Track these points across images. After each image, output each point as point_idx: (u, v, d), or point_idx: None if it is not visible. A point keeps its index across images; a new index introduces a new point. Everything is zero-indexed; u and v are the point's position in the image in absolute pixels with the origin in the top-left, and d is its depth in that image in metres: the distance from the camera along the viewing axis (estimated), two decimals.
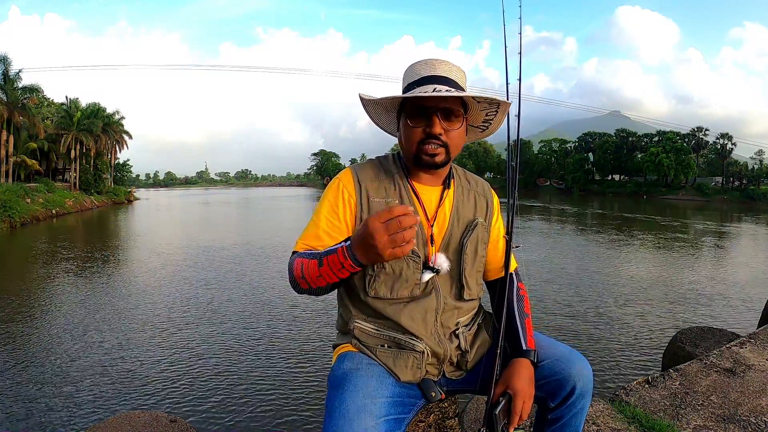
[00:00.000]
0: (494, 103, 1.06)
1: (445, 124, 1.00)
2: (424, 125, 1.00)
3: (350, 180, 1.07)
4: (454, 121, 1.01)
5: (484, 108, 1.08)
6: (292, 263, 0.99)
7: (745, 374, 2.23)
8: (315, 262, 0.92)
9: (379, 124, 1.16)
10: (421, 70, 1.03)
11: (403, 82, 1.08)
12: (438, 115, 0.99)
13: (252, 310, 6.38)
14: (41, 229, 17.88)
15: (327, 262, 0.89)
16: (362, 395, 0.91)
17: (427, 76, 1.02)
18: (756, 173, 50.02)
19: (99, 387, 4.05)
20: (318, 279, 0.92)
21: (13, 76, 24.70)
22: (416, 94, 0.97)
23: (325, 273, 0.90)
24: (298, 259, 0.97)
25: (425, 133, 1.00)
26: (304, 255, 0.97)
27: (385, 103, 1.07)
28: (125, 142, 39.42)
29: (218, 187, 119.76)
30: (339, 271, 0.88)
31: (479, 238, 1.10)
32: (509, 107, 1.10)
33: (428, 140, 1.00)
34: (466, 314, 1.11)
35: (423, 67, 1.04)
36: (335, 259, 0.87)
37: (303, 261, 0.95)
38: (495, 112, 1.09)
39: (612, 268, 9.84)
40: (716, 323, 5.48)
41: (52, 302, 6.96)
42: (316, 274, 0.91)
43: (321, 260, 0.90)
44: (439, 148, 1.00)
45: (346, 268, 0.87)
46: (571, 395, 1.00)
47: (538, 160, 66.49)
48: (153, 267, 9.70)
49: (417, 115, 1.00)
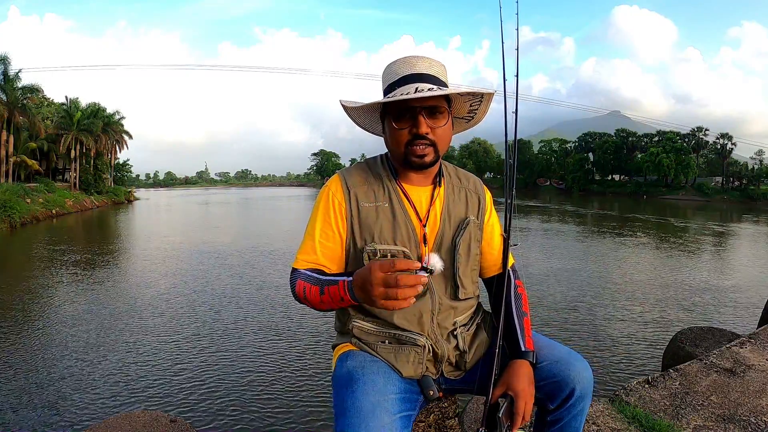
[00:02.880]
0: (477, 95, 1.05)
1: (430, 122, 0.99)
2: (410, 126, 0.99)
3: (339, 187, 1.06)
4: (440, 118, 1.00)
5: (468, 99, 1.07)
6: (294, 283, 1.01)
7: (745, 374, 2.23)
8: (317, 289, 0.93)
9: (363, 126, 1.15)
10: (400, 70, 1.01)
11: (383, 82, 1.05)
12: (423, 114, 0.97)
13: (253, 310, 6.38)
14: (41, 229, 17.86)
15: (328, 292, 0.91)
16: (374, 392, 0.91)
17: (408, 75, 1.00)
18: (756, 173, 49.99)
19: (99, 387, 4.05)
20: (320, 304, 0.95)
21: (12, 76, 24.68)
22: (399, 98, 0.94)
23: (326, 301, 0.92)
24: (300, 281, 0.99)
25: (412, 134, 0.99)
26: (306, 278, 0.98)
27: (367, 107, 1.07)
28: (125, 142, 39.42)
29: (218, 187, 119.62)
30: (339, 303, 0.90)
31: (472, 237, 1.09)
32: (493, 95, 1.08)
33: (415, 141, 0.99)
34: (464, 314, 1.10)
35: (402, 66, 1.02)
36: (336, 291, 0.89)
37: (305, 285, 0.96)
38: (479, 102, 1.08)
39: (612, 267, 9.83)
40: (716, 323, 5.47)
41: (52, 302, 6.95)
42: (318, 300, 0.94)
43: (322, 289, 0.92)
44: (427, 147, 1.00)
45: (346, 302, 0.89)
46: (571, 397, 0.99)
47: (538, 160, 66.48)
48: (153, 267, 9.70)
49: (401, 116, 0.99)
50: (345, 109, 1.08)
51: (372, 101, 1.03)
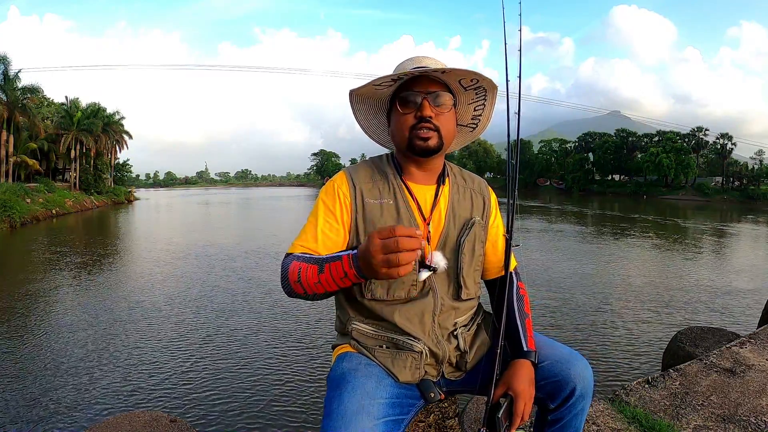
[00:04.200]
0: (481, 91, 1.09)
1: (435, 109, 1.02)
2: (414, 110, 1.02)
3: (344, 181, 1.07)
4: (443, 105, 1.04)
5: (472, 100, 1.10)
6: (286, 266, 0.96)
7: (745, 374, 2.23)
8: (315, 267, 0.89)
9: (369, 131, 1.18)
10: (408, 66, 1.07)
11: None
12: (427, 99, 1.02)
13: (253, 310, 6.38)
14: (41, 229, 17.85)
15: (329, 269, 0.86)
16: (360, 395, 0.91)
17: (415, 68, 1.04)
18: (756, 173, 50.00)
19: (99, 387, 4.05)
20: (316, 285, 0.89)
21: (12, 77, 24.69)
22: (407, 71, 1.00)
23: (325, 280, 0.87)
24: (294, 262, 0.94)
25: (416, 118, 1.02)
26: (302, 259, 0.94)
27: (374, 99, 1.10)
28: (125, 142, 39.40)
29: (218, 187, 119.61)
30: (341, 280, 0.85)
31: (477, 237, 1.10)
32: (496, 92, 1.10)
33: (420, 124, 1.02)
34: (465, 314, 1.10)
35: (411, 63, 1.08)
36: (338, 266, 0.85)
37: (300, 265, 0.92)
38: (483, 107, 1.11)
39: (612, 267, 9.83)
40: (716, 323, 5.47)
41: (51, 302, 6.95)
42: (315, 280, 0.88)
43: (322, 266, 0.88)
44: (430, 131, 1.02)
45: (350, 278, 0.84)
46: (571, 396, 1.00)
47: (538, 160, 66.48)
48: (153, 267, 9.70)
49: (407, 103, 1.03)
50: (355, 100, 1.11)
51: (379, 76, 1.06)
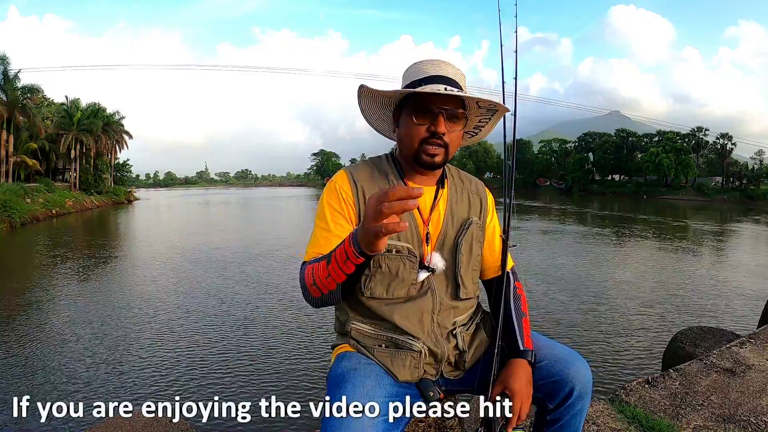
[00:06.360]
0: (491, 110, 1.08)
1: (448, 125, 1.00)
2: (429, 123, 1.00)
3: (345, 180, 1.07)
4: (457, 123, 1.02)
5: (479, 114, 1.10)
6: (303, 274, 0.98)
7: (745, 374, 2.22)
8: (323, 263, 0.92)
9: (370, 120, 1.14)
10: (428, 69, 1.03)
11: (405, 79, 1.07)
12: (443, 115, 0.99)
13: (254, 310, 6.38)
14: (41, 229, 17.87)
15: (335, 258, 0.88)
16: (359, 395, 0.91)
17: (435, 75, 1.02)
18: (756, 173, 49.99)
19: (99, 386, 4.05)
20: (327, 279, 0.91)
21: (12, 77, 24.70)
22: (429, 90, 0.97)
23: (333, 270, 0.89)
24: (308, 267, 0.97)
25: (429, 132, 1.00)
26: (314, 261, 0.97)
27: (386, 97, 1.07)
28: (125, 142, 39.38)
29: (218, 187, 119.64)
30: (344, 263, 0.86)
31: (474, 237, 1.10)
32: (503, 114, 1.10)
33: (431, 139, 1.00)
34: (464, 314, 1.11)
35: (430, 66, 1.04)
36: (342, 251, 0.86)
37: (313, 266, 0.95)
38: (488, 119, 1.11)
39: (612, 267, 9.84)
40: (716, 323, 5.47)
41: (51, 302, 6.95)
42: (325, 274, 0.91)
43: (330, 258, 0.90)
44: (439, 148, 1.01)
45: (351, 259, 0.84)
46: (570, 396, 1.00)
47: (538, 160, 66.44)
48: (153, 267, 9.70)
49: (422, 113, 1.00)
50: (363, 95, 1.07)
51: (399, 89, 1.03)
